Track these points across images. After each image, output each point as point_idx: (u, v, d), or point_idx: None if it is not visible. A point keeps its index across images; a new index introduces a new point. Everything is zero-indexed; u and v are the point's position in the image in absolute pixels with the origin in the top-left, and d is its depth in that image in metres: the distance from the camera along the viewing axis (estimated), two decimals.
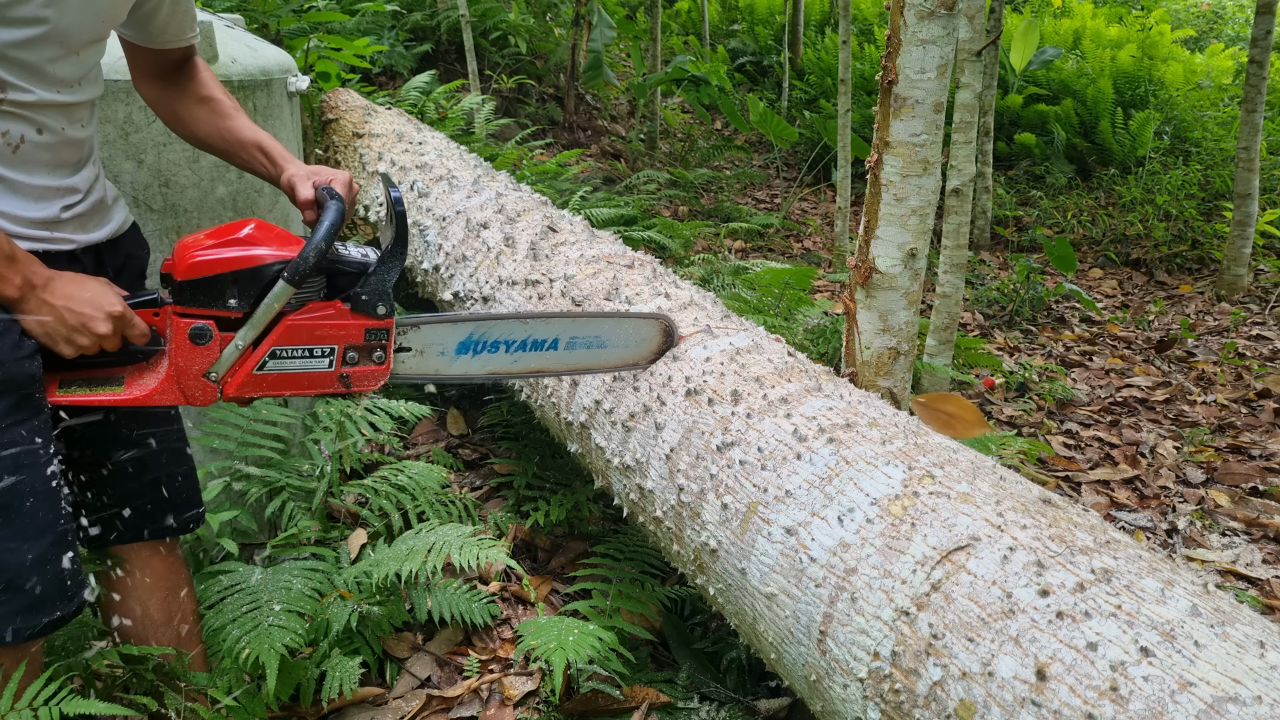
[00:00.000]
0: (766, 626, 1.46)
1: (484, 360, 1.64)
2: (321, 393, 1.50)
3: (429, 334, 1.59)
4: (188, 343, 1.40)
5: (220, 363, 1.42)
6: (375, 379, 1.52)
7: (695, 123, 8.73)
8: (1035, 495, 1.34)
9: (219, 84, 1.69)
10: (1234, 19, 11.30)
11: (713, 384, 1.74)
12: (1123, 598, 1.09)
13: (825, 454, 1.49)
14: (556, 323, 1.69)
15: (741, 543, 1.52)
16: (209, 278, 1.39)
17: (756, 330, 1.97)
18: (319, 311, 1.46)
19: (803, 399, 1.64)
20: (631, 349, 1.79)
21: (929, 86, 2.28)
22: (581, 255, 2.31)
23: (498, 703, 2.04)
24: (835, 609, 1.32)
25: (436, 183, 2.96)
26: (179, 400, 1.43)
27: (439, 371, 1.62)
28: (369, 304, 1.47)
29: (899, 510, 1.34)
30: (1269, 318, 5.53)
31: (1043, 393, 4.17)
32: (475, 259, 2.55)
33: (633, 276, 2.17)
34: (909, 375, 2.54)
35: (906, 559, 1.27)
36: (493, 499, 2.82)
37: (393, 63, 6.40)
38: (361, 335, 1.48)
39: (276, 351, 1.44)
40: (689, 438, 1.70)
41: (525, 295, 2.29)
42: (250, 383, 1.44)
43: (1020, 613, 1.13)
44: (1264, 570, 2.86)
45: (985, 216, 6.54)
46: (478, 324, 1.62)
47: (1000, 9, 5.87)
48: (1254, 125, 5.61)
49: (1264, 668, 0.99)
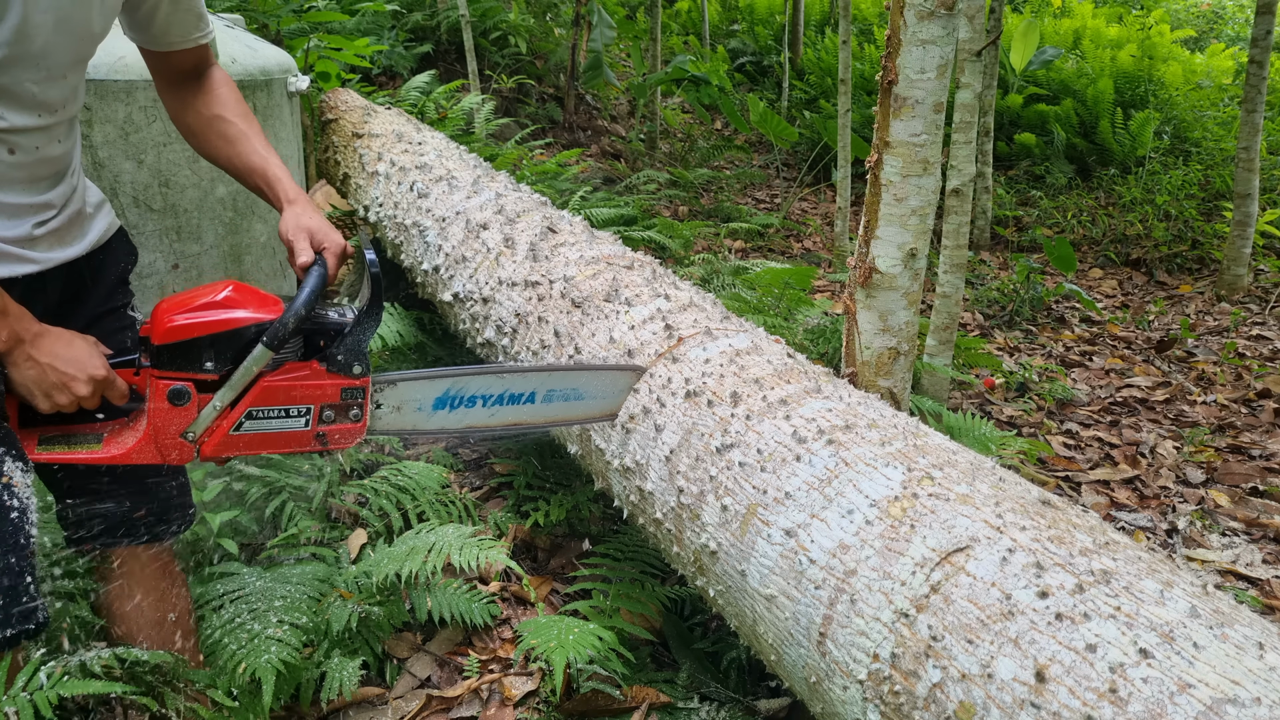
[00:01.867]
0: (766, 628, 1.46)
1: (461, 415, 1.64)
2: (298, 451, 1.51)
3: (406, 391, 1.60)
4: (166, 403, 1.41)
5: (198, 423, 1.43)
6: (352, 436, 1.53)
7: (695, 123, 8.73)
8: (1034, 496, 1.34)
9: (235, 98, 1.64)
10: (1234, 19, 11.30)
11: (712, 385, 1.74)
12: (1122, 599, 1.09)
13: (825, 455, 1.49)
14: (533, 376, 1.70)
15: (741, 544, 1.52)
16: (186, 341, 1.40)
17: (756, 331, 1.97)
18: (295, 372, 1.47)
19: (802, 400, 1.64)
20: (608, 400, 1.79)
21: (929, 86, 2.28)
22: (581, 256, 2.31)
23: (498, 703, 2.04)
24: (835, 611, 1.32)
25: (436, 183, 2.96)
26: (156, 459, 1.44)
27: (416, 426, 1.63)
28: (345, 364, 1.48)
29: (898, 512, 1.34)
30: (1269, 318, 5.53)
31: (1043, 393, 4.17)
32: (475, 260, 2.54)
33: (632, 278, 2.17)
34: (909, 375, 2.54)
35: (906, 561, 1.27)
36: (493, 499, 2.82)
37: (393, 63, 6.40)
38: (338, 394, 1.49)
39: (253, 412, 1.45)
40: (689, 439, 1.70)
41: (525, 296, 2.29)
42: (227, 443, 1.45)
43: (1019, 614, 1.13)
44: (1264, 570, 2.86)
45: (985, 216, 6.54)
46: (454, 379, 1.63)
47: (1000, 9, 5.87)
48: (1254, 125, 5.61)
49: (1263, 669, 0.99)
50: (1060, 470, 3.47)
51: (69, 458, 1.42)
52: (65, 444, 1.42)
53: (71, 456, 1.42)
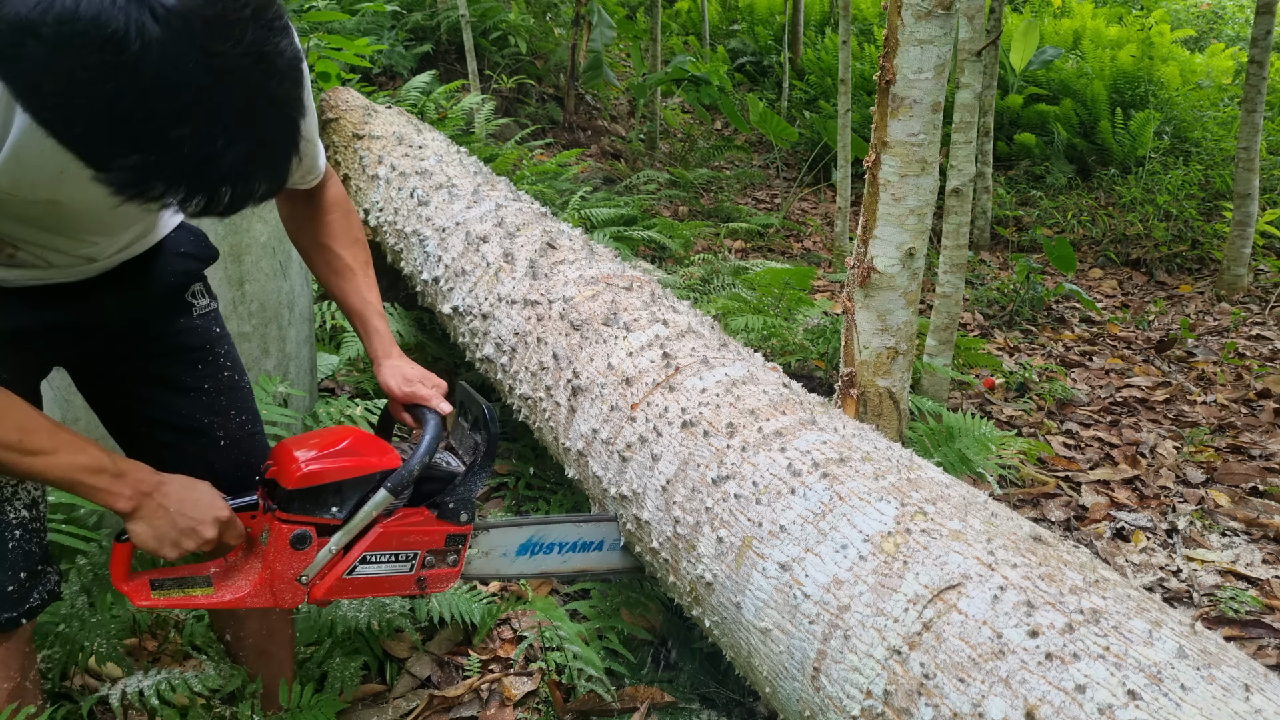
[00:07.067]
0: (761, 661, 1.46)
1: (539, 561, 1.75)
2: (398, 595, 1.56)
3: (496, 537, 1.68)
4: (288, 548, 1.43)
5: (313, 566, 1.45)
6: (448, 581, 1.59)
7: (695, 123, 8.73)
8: (1026, 532, 1.34)
9: (344, 225, 1.64)
10: (1234, 19, 11.29)
11: (708, 416, 1.74)
12: (1111, 639, 1.10)
13: (819, 489, 1.49)
14: (605, 526, 1.81)
15: (737, 577, 1.51)
16: (319, 486, 1.43)
17: (753, 359, 1.97)
18: (410, 518, 1.51)
19: (797, 432, 1.64)
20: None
21: (927, 86, 2.28)
22: (580, 275, 2.31)
23: (498, 703, 2.04)
24: (829, 646, 1.32)
25: (436, 190, 2.95)
26: (270, 603, 1.46)
27: (499, 571, 1.72)
28: (454, 511, 1.55)
29: (891, 547, 1.34)
30: (1269, 318, 5.53)
31: (1043, 393, 4.17)
32: (475, 274, 2.54)
33: (631, 300, 2.17)
34: (908, 375, 2.54)
35: (899, 597, 1.27)
36: (492, 499, 2.82)
37: (393, 63, 6.41)
38: (443, 540, 1.55)
39: (368, 557, 1.49)
40: (685, 470, 1.69)
41: (524, 315, 2.29)
42: (339, 587, 1.48)
43: (1010, 653, 1.13)
44: (1264, 570, 2.86)
45: (985, 216, 6.54)
46: (538, 528, 1.74)
47: (1000, 9, 5.87)
48: (1254, 125, 5.61)
49: (1248, 711, 0.99)
50: (1060, 470, 3.47)
51: (186, 603, 1.44)
52: (179, 589, 1.43)
53: (189, 602, 1.44)
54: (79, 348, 1.46)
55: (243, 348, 2.26)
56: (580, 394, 2.01)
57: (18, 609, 1.38)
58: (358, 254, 1.65)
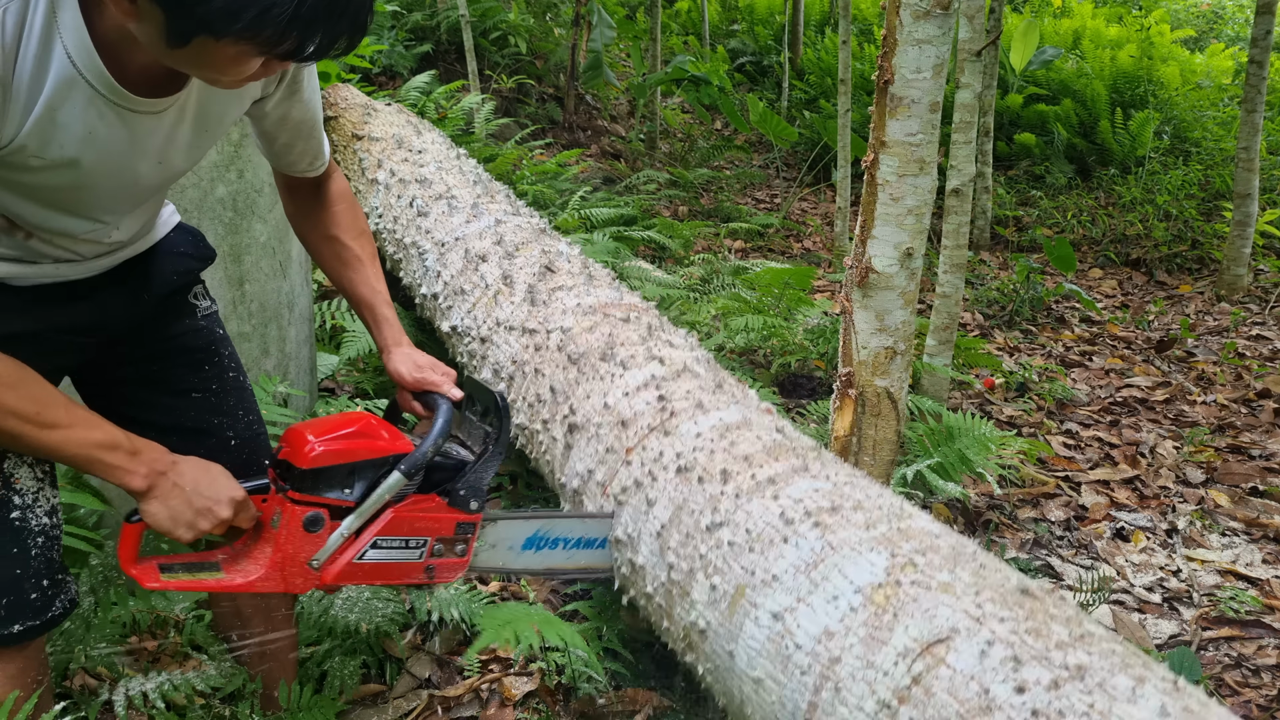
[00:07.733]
0: (754, 710, 1.46)
1: (544, 556, 1.75)
2: (405, 583, 1.55)
3: (504, 529, 1.68)
4: (300, 530, 1.42)
5: (324, 550, 1.44)
6: (455, 571, 1.58)
7: (695, 123, 8.73)
8: (1014, 585, 1.34)
9: (350, 216, 1.65)
10: (1234, 19, 11.30)
11: (703, 461, 1.74)
12: (1095, 696, 1.10)
13: (811, 539, 1.49)
14: (607, 523, 1.81)
15: (730, 625, 1.51)
16: (333, 466, 1.42)
17: (748, 400, 1.97)
18: (422, 504, 1.51)
19: (790, 479, 1.64)
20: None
21: (925, 86, 2.28)
22: (579, 304, 2.31)
23: (498, 703, 2.04)
24: (820, 698, 1.31)
25: (436, 201, 2.94)
26: (280, 588, 1.45)
27: (505, 565, 1.71)
28: (465, 499, 1.54)
29: (881, 599, 1.34)
30: (1269, 318, 5.53)
31: (1043, 393, 4.17)
32: (473, 294, 2.54)
33: (628, 334, 2.16)
34: (906, 375, 2.54)
35: (888, 650, 1.27)
36: (491, 499, 2.82)
37: (393, 63, 6.41)
38: (453, 528, 1.55)
39: (379, 541, 1.48)
40: (679, 515, 1.69)
41: (522, 344, 2.29)
42: (348, 571, 1.47)
43: (997, 709, 1.12)
44: (1264, 570, 2.86)
45: (985, 216, 6.54)
46: (544, 521, 1.74)
47: (1000, 9, 5.87)
48: (1254, 125, 5.62)
49: None
50: (1060, 470, 3.47)
51: (196, 585, 1.42)
52: (187, 572, 1.42)
53: (199, 585, 1.43)
54: (83, 353, 1.46)
55: (243, 348, 2.26)
56: (576, 431, 2.01)
57: (40, 617, 1.38)
58: (365, 245, 1.66)
